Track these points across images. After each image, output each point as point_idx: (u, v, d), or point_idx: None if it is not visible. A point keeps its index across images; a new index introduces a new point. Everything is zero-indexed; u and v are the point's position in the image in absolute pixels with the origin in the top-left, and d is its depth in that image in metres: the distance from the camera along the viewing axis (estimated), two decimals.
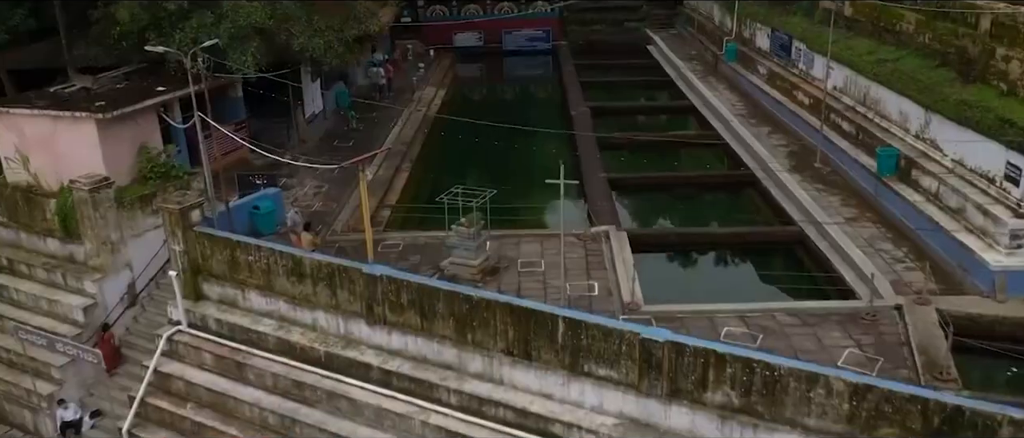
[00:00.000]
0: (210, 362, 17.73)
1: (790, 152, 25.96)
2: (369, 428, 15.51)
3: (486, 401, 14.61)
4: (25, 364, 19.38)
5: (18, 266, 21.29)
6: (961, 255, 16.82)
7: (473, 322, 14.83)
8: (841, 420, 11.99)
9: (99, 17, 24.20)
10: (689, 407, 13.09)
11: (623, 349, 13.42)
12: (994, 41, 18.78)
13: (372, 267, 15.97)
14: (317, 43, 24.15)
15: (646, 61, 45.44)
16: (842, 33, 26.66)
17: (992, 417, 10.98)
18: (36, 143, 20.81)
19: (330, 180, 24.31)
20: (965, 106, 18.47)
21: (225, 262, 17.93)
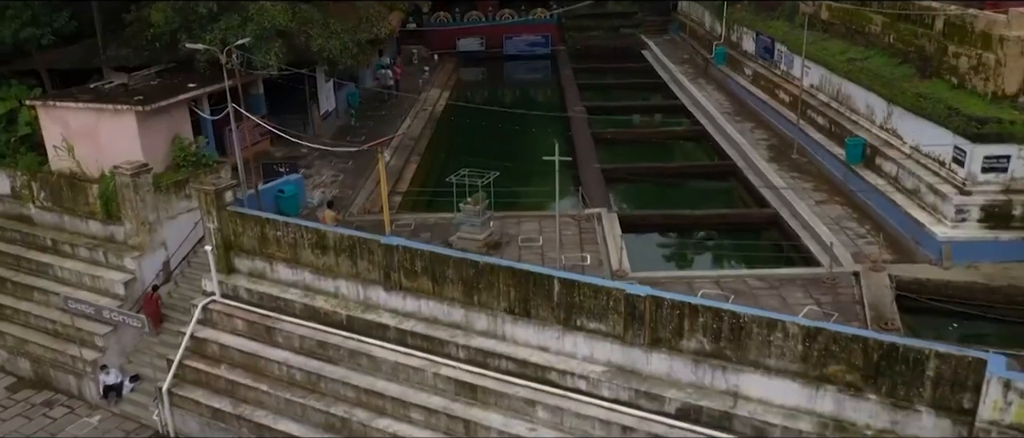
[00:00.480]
0: (242, 328, 19.61)
1: (770, 145, 27.93)
2: (387, 381, 17.37)
3: (490, 354, 16.49)
4: (71, 334, 21.28)
5: (62, 246, 23.17)
6: (914, 229, 18.75)
7: (479, 285, 16.72)
8: (797, 360, 13.88)
9: (132, 20, 26.22)
10: (667, 354, 14.98)
11: (610, 305, 15.31)
12: (946, 40, 20.77)
13: (389, 239, 17.87)
14: (334, 44, 26.13)
15: (641, 65, 47.45)
16: (819, 35, 28.66)
17: (921, 351, 12.88)
18: (80, 133, 22.76)
19: (345, 170, 26.27)
20: (921, 98, 20.43)
21: (255, 238, 19.83)
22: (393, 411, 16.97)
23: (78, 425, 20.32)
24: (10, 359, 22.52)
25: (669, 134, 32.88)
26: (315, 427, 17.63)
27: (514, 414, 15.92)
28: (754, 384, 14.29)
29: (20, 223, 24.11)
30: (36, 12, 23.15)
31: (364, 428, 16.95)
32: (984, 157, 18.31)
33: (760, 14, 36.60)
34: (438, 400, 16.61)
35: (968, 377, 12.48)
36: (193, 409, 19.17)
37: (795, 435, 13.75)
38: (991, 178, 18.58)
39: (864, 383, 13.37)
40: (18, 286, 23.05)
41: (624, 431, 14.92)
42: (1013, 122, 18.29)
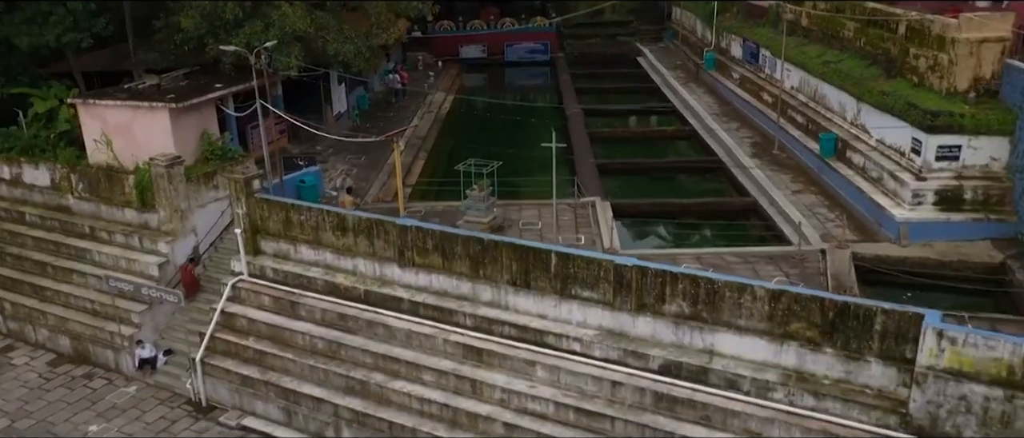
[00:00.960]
0: (268, 303, 21.48)
1: (754, 143, 29.89)
2: (402, 348, 19.24)
3: (495, 322, 18.36)
4: (109, 312, 23.16)
5: (99, 233, 25.04)
6: (877, 213, 20.66)
7: (484, 260, 18.60)
8: (764, 319, 15.76)
9: (161, 26, 28.21)
10: (651, 317, 16.85)
11: (601, 275, 17.19)
12: (908, 43, 22.75)
13: (403, 220, 19.78)
14: (348, 49, 28.10)
15: (635, 71, 49.46)
16: (800, 41, 30.65)
17: (869, 309, 14.78)
18: (117, 129, 24.70)
19: (358, 165, 28.20)
20: (885, 96, 22.38)
21: (280, 222, 21.74)
22: (407, 374, 18.82)
23: (116, 395, 22.15)
24: (51, 337, 24.35)
25: (660, 134, 34.89)
26: (337, 390, 19.45)
27: (516, 374, 17.77)
28: (727, 342, 16.15)
29: (59, 212, 25.96)
30: (78, 17, 25.11)
31: (381, 389, 18.80)
32: (938, 147, 20.26)
33: (748, 21, 38.62)
34: (448, 363, 18.48)
35: (909, 330, 14.35)
36: (223, 377, 20.99)
37: (763, 385, 15.63)
38: (944, 166, 20.54)
39: (822, 338, 15.25)
40: (58, 270, 24.90)
41: (613, 387, 16.78)
42: (963, 115, 20.25)
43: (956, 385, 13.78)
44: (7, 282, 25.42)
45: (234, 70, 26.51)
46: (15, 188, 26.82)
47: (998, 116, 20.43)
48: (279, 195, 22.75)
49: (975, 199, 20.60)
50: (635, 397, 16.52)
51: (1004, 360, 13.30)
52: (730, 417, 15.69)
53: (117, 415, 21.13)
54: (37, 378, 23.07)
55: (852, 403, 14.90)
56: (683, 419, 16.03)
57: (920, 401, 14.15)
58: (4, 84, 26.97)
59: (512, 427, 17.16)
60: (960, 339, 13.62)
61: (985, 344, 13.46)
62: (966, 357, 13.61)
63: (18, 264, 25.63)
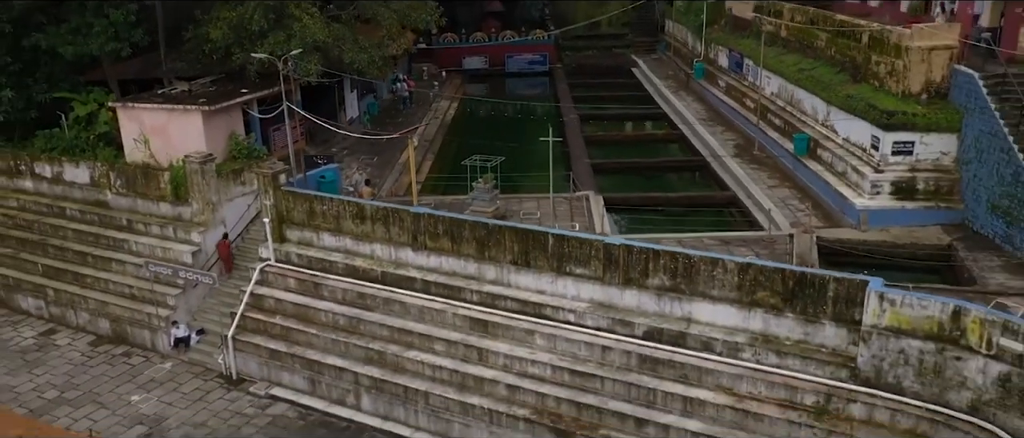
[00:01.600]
0: (293, 285, 23.66)
1: (736, 144, 32.17)
2: (415, 322, 21.40)
3: (498, 297, 20.54)
4: (146, 296, 25.34)
5: (136, 225, 27.22)
6: (841, 202, 22.88)
7: (489, 243, 20.80)
8: (734, 289, 17.93)
9: (190, 37, 30.49)
10: (636, 290, 19.02)
11: (592, 253, 19.38)
12: (870, 51, 25.06)
13: (417, 208, 22.01)
14: (362, 58, 30.38)
15: (630, 80, 51.80)
16: (779, 50, 32.97)
17: (823, 278, 16.97)
18: (153, 130, 26.95)
19: (371, 164, 30.44)
20: (850, 98, 24.65)
21: (304, 212, 23.96)
22: (420, 345, 20.99)
23: (154, 370, 24.27)
24: (91, 320, 26.49)
25: (651, 137, 37.17)
26: (357, 360, 21.60)
27: (517, 343, 19.94)
28: (702, 310, 18.33)
29: (98, 207, 28.13)
30: (118, 29, 27.40)
31: (397, 359, 20.96)
32: (894, 143, 22.51)
33: (734, 34, 40.97)
34: (456, 334, 20.64)
35: (856, 295, 16.53)
36: (253, 352, 23.14)
37: (733, 347, 17.81)
38: (899, 159, 22.79)
39: (783, 305, 17.43)
40: (98, 259, 27.08)
41: (603, 351, 18.95)
42: (916, 114, 22.51)
43: (896, 341, 15.96)
44: (50, 271, 27.58)
45: (258, 77, 28.77)
46: (56, 185, 29.04)
47: (947, 115, 22.73)
48: (303, 188, 24.96)
49: (927, 189, 22.88)
50: (622, 360, 18.69)
51: (935, 317, 15.48)
52: (705, 375, 17.86)
53: (156, 387, 23.26)
54: (80, 356, 25.20)
55: (810, 360, 17.06)
56: (664, 378, 18.20)
57: (867, 356, 16.32)
58: (47, 90, 29.22)
59: (514, 389, 19.32)
60: (898, 300, 15.80)
61: (919, 304, 15.65)
62: (904, 316, 15.80)
63: (60, 255, 27.80)
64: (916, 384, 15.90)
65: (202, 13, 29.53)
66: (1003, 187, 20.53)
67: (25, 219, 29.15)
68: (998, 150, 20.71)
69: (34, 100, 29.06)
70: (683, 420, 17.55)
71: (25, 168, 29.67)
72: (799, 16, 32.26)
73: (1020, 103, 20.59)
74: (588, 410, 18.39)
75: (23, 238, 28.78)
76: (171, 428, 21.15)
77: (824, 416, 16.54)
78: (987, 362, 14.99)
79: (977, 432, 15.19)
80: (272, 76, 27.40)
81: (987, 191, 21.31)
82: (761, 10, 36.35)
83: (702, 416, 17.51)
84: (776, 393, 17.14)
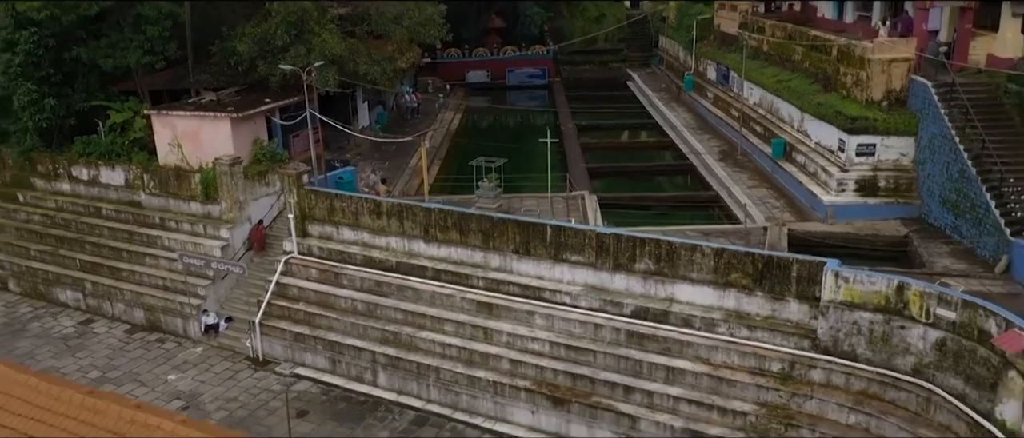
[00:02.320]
0: (315, 275, 25.92)
1: (721, 150, 34.52)
2: (426, 306, 23.63)
3: (502, 282, 22.78)
4: (178, 287, 27.54)
5: (168, 223, 29.47)
6: (811, 199, 25.18)
7: (494, 234, 23.08)
8: (710, 272, 20.19)
9: (217, 50, 32.89)
10: (625, 274, 21.28)
11: (586, 242, 21.65)
12: (839, 63, 27.47)
13: (428, 204, 24.33)
14: (375, 70, 32.77)
15: (625, 93, 54.18)
16: (762, 63, 35.39)
17: (787, 260, 19.24)
18: (185, 136, 29.26)
19: (382, 169, 32.78)
20: (820, 106, 27.02)
21: (325, 209, 26.27)
22: (432, 326, 23.20)
23: (186, 353, 26.45)
24: (127, 310, 28.69)
25: (644, 145, 39.54)
26: (374, 341, 23.78)
27: (519, 323, 22.17)
28: (683, 291, 20.57)
29: (132, 207, 30.39)
30: (154, 43, 29.79)
31: (411, 338, 23.17)
32: (858, 145, 24.84)
33: (721, 48, 43.43)
34: (464, 316, 22.86)
35: (816, 274, 18.80)
36: (278, 336, 25.32)
37: (710, 322, 20.04)
38: (863, 160, 25.12)
39: (754, 285, 19.69)
40: (133, 254, 29.32)
41: (596, 328, 21.18)
42: (877, 120, 24.87)
43: (850, 314, 18.21)
44: (87, 266, 29.82)
45: (280, 88, 31.15)
46: (93, 187, 31.36)
47: (905, 120, 25.07)
48: (324, 187, 27.28)
49: (887, 187, 25.18)
50: (612, 336, 20.92)
51: (882, 292, 17.74)
52: (685, 347, 20.09)
53: (189, 368, 25.44)
54: (117, 342, 27.39)
55: (776, 332, 19.30)
56: (649, 351, 20.41)
57: (825, 328, 18.57)
58: (85, 99, 31.58)
59: (516, 363, 21.52)
60: (851, 278, 18.09)
61: (868, 280, 17.93)
62: (856, 291, 18.07)
63: (96, 251, 30.04)
64: (867, 351, 18.13)
65: (228, 29, 31.93)
66: (951, 183, 22.85)
67: (63, 218, 31.42)
68: (947, 150, 23.05)
69: (73, 108, 31.39)
70: (666, 387, 19.74)
71: (63, 171, 32.02)
72: (779, 32, 34.72)
73: (965, 108, 22.97)
74: (582, 380, 20.58)
75: (62, 236, 31.03)
76: (206, 402, 23.30)
77: (788, 381, 18.76)
78: (926, 330, 17.22)
79: (919, 391, 17.41)
80: (292, 87, 29.78)
81: (939, 187, 23.62)
82: (746, 26, 38.80)
83: (682, 383, 19.71)
84: (747, 362, 19.36)
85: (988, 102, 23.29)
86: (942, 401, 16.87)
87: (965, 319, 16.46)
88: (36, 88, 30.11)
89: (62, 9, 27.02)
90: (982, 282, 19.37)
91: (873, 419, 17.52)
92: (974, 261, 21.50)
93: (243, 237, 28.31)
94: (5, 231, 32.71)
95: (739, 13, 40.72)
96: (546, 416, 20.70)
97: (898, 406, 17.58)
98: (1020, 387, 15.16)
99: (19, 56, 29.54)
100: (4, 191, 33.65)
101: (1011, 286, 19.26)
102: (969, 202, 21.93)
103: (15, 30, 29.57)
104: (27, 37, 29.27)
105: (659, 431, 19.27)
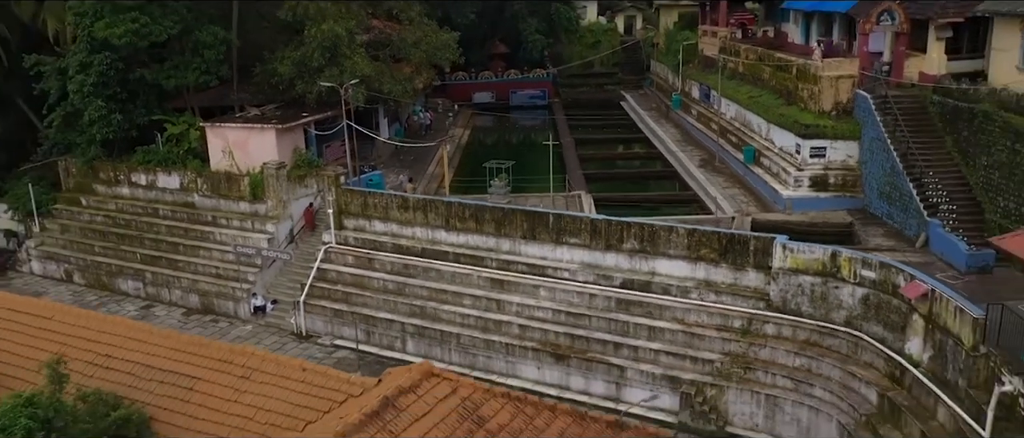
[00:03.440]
0: (351, 261, 30.08)
1: (702, 159, 38.90)
2: (447, 284, 27.80)
3: (511, 262, 26.95)
4: (230, 274, 31.68)
5: (219, 220, 33.63)
6: (774, 194, 29.50)
7: (504, 222, 27.26)
8: (684, 249, 24.38)
9: (259, 71, 37.34)
10: (615, 253, 25.48)
11: (582, 226, 25.87)
12: (797, 80, 31.98)
13: (449, 199, 28.62)
14: (398, 88, 37.26)
15: (618, 112, 58.72)
16: (738, 83, 39.90)
17: (745, 237, 23.53)
18: (236, 144, 33.58)
19: (403, 174, 37.16)
20: (782, 116, 31.45)
21: (359, 205, 30.52)
22: (453, 300, 27.31)
23: (238, 331, 30.49)
24: (183, 296, 32.79)
25: (633, 155, 43.97)
26: (403, 314, 27.86)
27: (526, 295, 26.30)
28: (662, 265, 24.73)
29: (186, 207, 34.61)
30: (210, 65, 34.26)
31: (435, 311, 27.27)
32: (811, 148, 29.25)
33: (705, 71, 47.98)
34: (480, 291, 26.98)
35: (768, 248, 23.03)
36: (319, 313, 29.40)
37: (684, 289, 24.21)
38: (816, 161, 29.49)
39: (719, 258, 23.88)
40: (188, 247, 33.48)
41: (590, 298, 25.31)
42: (827, 127, 29.31)
43: (795, 278, 22.39)
44: (147, 259, 33.96)
45: (315, 104, 35.57)
46: (150, 191, 35.61)
47: (850, 127, 29.47)
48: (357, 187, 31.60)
49: (836, 183, 29.49)
50: (604, 303, 25.05)
51: (820, 259, 21.94)
52: (664, 310, 24.21)
53: (242, 341, 29.45)
54: (176, 323, 31.39)
55: (737, 296, 23.46)
56: (635, 315, 24.51)
57: (776, 290, 22.75)
58: (145, 114, 35.97)
59: (524, 328, 25.63)
60: (796, 249, 22.33)
61: (808, 251, 22.15)
62: (799, 260, 22.27)
63: (155, 245, 34.20)
64: (809, 307, 22.29)
65: (269, 53, 36.43)
66: (886, 177, 27.13)
67: (124, 219, 35.63)
68: (882, 151, 27.37)
69: (135, 122, 35.76)
70: (648, 343, 23.84)
71: (123, 177, 36.32)
72: (751, 55, 39.28)
73: (896, 116, 27.42)
74: (579, 340, 24.68)
75: (122, 234, 35.23)
76: None
77: (747, 335, 22.91)
78: (854, 288, 21.42)
79: (850, 338, 21.56)
80: (326, 103, 34.20)
81: (877, 182, 27.92)
82: (725, 51, 43.39)
83: (662, 340, 23.82)
84: (714, 320, 23.51)
85: (916, 111, 27.71)
86: (867, 344, 20.98)
87: (882, 277, 20.67)
88: (105, 105, 34.40)
89: (139, 36, 31.44)
90: (905, 255, 23.53)
91: (813, 361, 21.64)
92: (902, 239, 25.74)
93: (286, 231, 32.51)
94: (70, 231, 36.95)
95: (719, 38, 45.31)
96: (550, 371, 24.78)
97: (833, 351, 21.70)
98: (921, 326, 19.34)
99: (92, 77, 33.84)
100: (68, 196, 37.93)
101: (927, 256, 23.46)
102: (898, 192, 26.23)
103: (89, 54, 33.98)
104: (100, 60, 33.61)
105: (643, 378, 23.38)
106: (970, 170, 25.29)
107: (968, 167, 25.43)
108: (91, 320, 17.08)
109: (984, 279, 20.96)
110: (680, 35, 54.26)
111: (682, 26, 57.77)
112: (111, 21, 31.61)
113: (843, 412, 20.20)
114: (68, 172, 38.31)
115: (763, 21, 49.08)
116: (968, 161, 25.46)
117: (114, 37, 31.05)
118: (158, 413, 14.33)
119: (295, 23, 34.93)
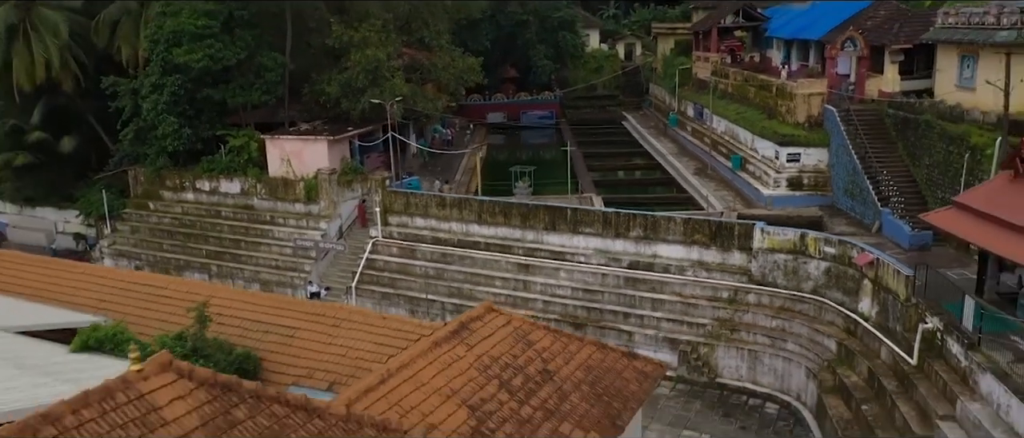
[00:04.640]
0: (396, 252, 34.90)
1: (696, 168, 43.90)
2: (481, 269, 32.58)
3: (536, 250, 31.75)
4: (288, 265, 36.48)
5: (277, 219, 38.50)
6: (756, 194, 34.45)
7: (529, 216, 32.09)
8: (681, 235, 29.26)
9: (308, 91, 42.36)
10: (623, 240, 30.32)
11: (595, 218, 30.74)
12: (777, 97, 37.10)
13: (480, 198, 33.53)
14: (429, 106, 42.34)
15: (620, 130, 63.73)
16: (728, 102, 45.02)
17: (731, 223, 28.44)
18: (292, 153, 38.56)
19: (435, 179, 42.12)
20: (764, 128, 36.50)
21: (402, 204, 35.39)
22: (486, 282, 32.02)
23: None
24: (245, 285, 37.39)
25: (635, 166, 49.02)
26: (442, 295, 32.57)
27: (548, 276, 31.01)
28: (663, 248, 29.55)
29: (246, 209, 39.46)
30: (270, 85, 39.35)
31: (471, 291, 31.98)
32: (787, 154, 34.26)
33: (698, 92, 53.13)
34: (509, 274, 31.71)
35: (750, 232, 27.92)
36: (369, 296, 34.10)
37: (681, 268, 29.04)
38: (792, 165, 34.48)
39: (710, 241, 28.74)
40: (249, 243, 38.19)
41: (602, 277, 30.07)
42: (801, 136, 34.36)
43: (772, 256, 27.24)
44: (212, 253, 38.71)
45: (359, 119, 40.60)
46: (213, 196, 40.47)
47: (821, 136, 34.49)
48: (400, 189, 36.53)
49: (809, 183, 34.43)
50: (615, 282, 29.81)
51: (791, 240, 26.79)
52: (665, 286, 28.98)
53: None
54: None
55: (725, 273, 28.27)
56: (640, 290, 29.22)
57: (756, 266, 27.57)
58: (210, 129, 40.98)
59: (548, 303, 30.33)
60: (771, 232, 27.24)
61: (782, 233, 27.01)
62: (775, 240, 27.12)
63: (218, 242, 38.99)
64: (783, 280, 27.08)
65: (316, 75, 41.55)
66: (849, 177, 32.07)
67: (189, 220, 40.44)
68: (846, 155, 32.35)
69: (200, 135, 40.75)
70: (652, 312, 28.56)
71: (188, 184, 41.19)
72: (739, 77, 44.47)
73: (856, 126, 32.51)
74: (594, 312, 29.38)
75: (188, 233, 40.00)
76: None
77: (732, 303, 27.66)
78: (819, 262, 26.26)
79: (816, 303, 26.33)
80: (368, 119, 39.24)
81: (842, 181, 32.87)
82: (716, 74, 48.58)
83: (663, 309, 28.53)
84: (706, 293, 28.28)
85: (875, 122, 32.74)
86: (829, 307, 25.71)
87: (840, 252, 25.52)
88: (176, 120, 39.45)
89: (214, 60, 36.54)
90: (862, 239, 28.35)
91: (786, 322, 26.36)
92: (861, 227, 30.59)
93: (336, 228, 37.36)
94: (140, 231, 41.73)
95: (711, 63, 50.51)
96: None
97: (803, 314, 26.46)
98: (870, 288, 24.15)
99: (165, 96, 38.89)
100: (137, 201, 42.78)
101: (880, 239, 28.31)
102: (859, 189, 31.16)
103: (161, 76, 39.04)
104: (172, 81, 38.67)
105: (648, 341, 28.11)
106: (916, 169, 30.31)
107: (915, 167, 30.44)
108: (201, 288, 20.82)
109: (923, 254, 25.76)
110: (676, 60, 59.53)
111: (678, 52, 63.15)
112: (190, 48, 36.68)
113: (810, 360, 24.90)
114: (137, 180, 43.17)
115: (750, 48, 54.31)
116: (915, 162, 30.48)
117: (193, 62, 36.06)
118: (267, 356, 17.23)
119: (339, 49, 40.04)
